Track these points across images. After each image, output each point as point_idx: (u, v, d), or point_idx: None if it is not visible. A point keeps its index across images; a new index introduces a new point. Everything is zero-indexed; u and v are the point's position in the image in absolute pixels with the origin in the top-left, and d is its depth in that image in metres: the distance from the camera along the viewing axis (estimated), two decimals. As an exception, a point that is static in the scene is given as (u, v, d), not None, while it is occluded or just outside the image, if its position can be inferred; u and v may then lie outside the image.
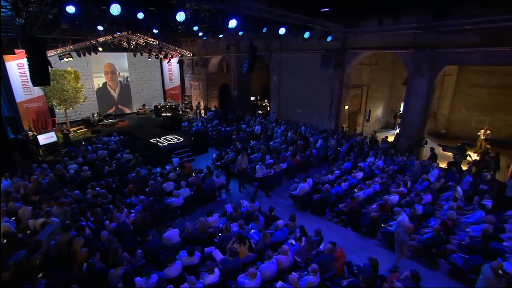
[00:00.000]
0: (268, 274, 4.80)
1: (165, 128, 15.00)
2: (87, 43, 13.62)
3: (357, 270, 5.05)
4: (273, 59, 14.86)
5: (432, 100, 10.36)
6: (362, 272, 4.91)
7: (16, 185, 7.17)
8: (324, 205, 7.82)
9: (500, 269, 4.63)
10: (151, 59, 18.28)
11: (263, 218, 6.24)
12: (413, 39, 9.88)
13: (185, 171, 9.01)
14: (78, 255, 4.43)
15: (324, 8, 7.40)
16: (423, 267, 6.18)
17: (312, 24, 8.64)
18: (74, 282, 3.83)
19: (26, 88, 13.94)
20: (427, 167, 9.00)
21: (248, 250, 5.37)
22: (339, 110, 12.66)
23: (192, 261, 4.98)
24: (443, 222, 6.45)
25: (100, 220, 5.77)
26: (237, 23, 6.65)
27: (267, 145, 11.63)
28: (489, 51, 8.50)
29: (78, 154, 10.50)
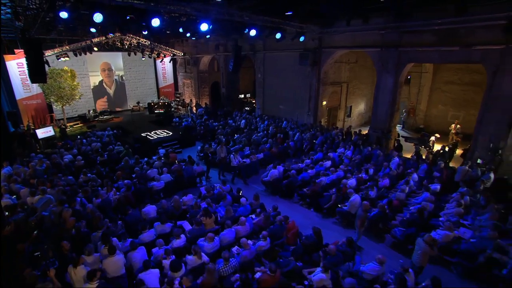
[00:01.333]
0: (227, 240, 5.72)
1: (157, 124, 15.93)
2: (82, 43, 14.52)
3: (304, 238, 5.95)
4: (257, 58, 15.73)
5: (399, 95, 11.19)
6: (307, 239, 5.83)
7: (16, 171, 8.10)
8: (291, 189, 8.72)
9: (432, 241, 5.47)
10: (144, 59, 19.16)
11: (230, 197, 7.16)
12: (380, 38, 10.74)
13: (169, 160, 9.91)
14: (67, 222, 5.35)
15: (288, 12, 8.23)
16: (370, 240, 7.09)
17: (283, 25, 9.49)
18: (64, 239, 4.77)
19: (26, 86, 14.86)
20: (389, 156, 9.89)
21: (213, 223, 6.29)
22: (317, 105, 13.53)
23: (164, 230, 5.89)
24: (389, 201, 7.36)
25: (88, 197, 6.70)
26: (209, 27, 7.52)
27: (248, 138, 12.52)
28: (443, 50, 9.37)
29: (74, 146, 11.43)
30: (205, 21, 7.36)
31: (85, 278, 3.93)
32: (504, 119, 8.70)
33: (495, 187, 8.24)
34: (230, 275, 4.80)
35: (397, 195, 7.51)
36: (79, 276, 4.13)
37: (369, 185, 7.98)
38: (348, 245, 5.52)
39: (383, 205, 6.91)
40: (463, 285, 5.76)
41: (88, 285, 3.88)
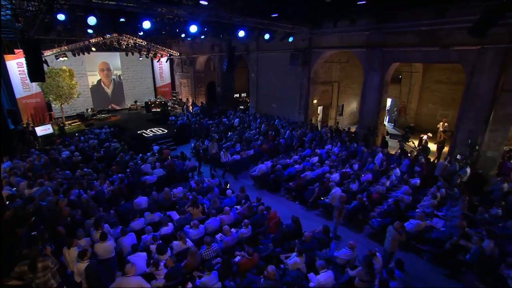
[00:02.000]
0: (212, 228, 6.14)
1: (153, 122, 16.35)
2: (80, 44, 14.93)
3: (284, 227, 6.36)
4: (251, 58, 16.14)
5: (385, 93, 11.59)
6: (286, 228, 6.24)
7: (15, 165, 8.52)
8: (278, 183, 9.14)
9: (401, 228, 5.89)
10: (142, 59, 19.58)
11: (218, 190, 7.58)
12: (366, 39, 11.15)
13: (163, 156, 10.33)
14: (63, 210, 5.77)
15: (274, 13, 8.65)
16: (350, 230, 7.51)
17: (272, 27, 9.90)
18: (60, 226, 5.18)
19: (25, 85, 15.28)
20: (374, 152, 10.30)
21: (200, 213, 6.71)
22: (308, 104, 13.93)
23: (153, 219, 6.31)
24: (368, 194, 7.78)
25: (84, 189, 7.12)
26: (198, 29, 7.93)
27: (241, 136, 12.93)
28: (424, 50, 9.79)
29: (72, 143, 11.84)
30: (194, 23, 7.77)
31: (77, 258, 4.35)
32: (481, 116, 9.11)
33: (472, 181, 8.66)
34: (212, 259, 5.21)
35: (377, 189, 7.93)
36: (73, 257, 4.55)
37: (352, 178, 8.39)
38: (324, 233, 5.94)
39: (362, 197, 7.34)
40: (431, 270, 6.18)
41: (79, 263, 4.31)
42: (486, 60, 8.70)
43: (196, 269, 4.98)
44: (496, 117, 8.95)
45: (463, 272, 5.96)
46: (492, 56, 8.58)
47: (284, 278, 4.81)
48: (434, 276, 6.06)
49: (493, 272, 5.46)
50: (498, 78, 8.63)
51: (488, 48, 8.55)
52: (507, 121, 8.89)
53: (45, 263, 3.82)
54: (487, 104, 8.94)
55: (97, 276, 4.34)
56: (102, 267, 4.65)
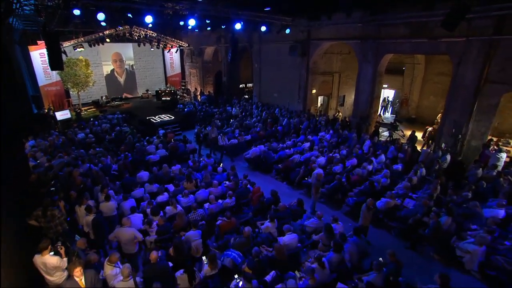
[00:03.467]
0: (201, 198, 7.06)
1: (162, 109, 17.41)
2: (95, 35, 16.05)
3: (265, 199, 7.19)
4: (254, 49, 16.78)
5: (378, 84, 12.02)
6: (266, 200, 7.07)
7: (38, 143, 9.75)
8: (268, 164, 9.96)
9: (372, 205, 6.59)
10: (153, 49, 20.60)
11: (211, 168, 8.50)
12: (360, 31, 11.56)
13: (167, 139, 11.33)
14: (76, 179, 6.85)
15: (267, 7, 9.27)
16: (329, 208, 8.25)
17: (269, 19, 10.52)
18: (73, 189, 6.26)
19: (47, 74, 16.64)
20: (362, 139, 10.87)
21: (194, 186, 7.64)
22: (306, 93, 14.52)
23: (152, 189, 7.31)
24: (347, 176, 8.46)
25: (95, 164, 8.21)
26: (197, 22, 8.71)
27: (241, 123, 13.76)
28: (414, 42, 10.15)
29: (87, 127, 13.07)
30: (193, 17, 8.56)
31: (85, 212, 5.38)
32: (466, 107, 9.48)
33: (451, 168, 9.14)
34: (198, 221, 6.13)
35: (357, 171, 8.59)
36: (82, 212, 5.58)
37: (335, 162, 9.08)
38: (298, 205, 6.74)
39: (340, 177, 8.04)
40: (396, 243, 6.86)
41: (87, 216, 5.33)
42: (472, 52, 9.02)
43: (183, 229, 5.91)
44: (480, 107, 9.31)
45: (423, 245, 6.62)
46: (477, 47, 8.88)
47: (256, 239, 5.67)
48: (397, 248, 6.68)
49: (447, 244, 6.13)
50: (482, 70, 8.95)
51: (473, 39, 8.87)
52: (490, 111, 9.23)
53: (53, 212, 4.87)
54: (472, 95, 9.29)
55: (100, 227, 5.36)
56: (106, 222, 5.67)
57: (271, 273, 4.67)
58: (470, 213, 6.78)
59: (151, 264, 4.27)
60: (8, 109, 5.38)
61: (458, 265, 5.98)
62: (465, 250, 5.79)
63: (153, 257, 4.25)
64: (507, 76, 8.61)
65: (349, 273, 5.06)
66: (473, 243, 5.71)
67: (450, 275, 4.66)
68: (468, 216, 6.75)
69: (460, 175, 8.92)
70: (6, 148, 4.77)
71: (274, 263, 4.97)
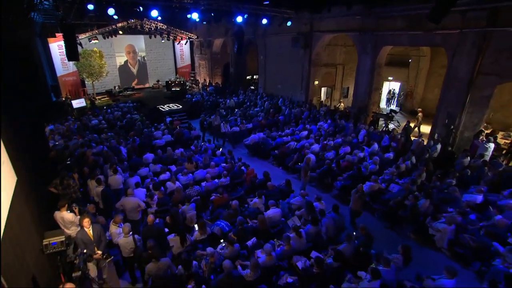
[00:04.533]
0: (199, 177, 7.77)
1: (171, 99, 18.22)
2: (108, 27, 16.90)
3: (257, 180, 7.83)
4: (260, 42, 17.21)
5: (377, 75, 12.29)
6: (258, 181, 7.71)
7: (57, 128, 10.73)
8: (266, 151, 10.57)
9: (360, 189, 7.08)
10: (164, 41, 21.35)
11: (211, 151, 9.21)
12: (360, 23, 11.82)
13: (173, 126, 12.10)
14: (88, 158, 7.71)
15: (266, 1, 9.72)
16: (319, 191, 8.80)
17: (268, 12, 10.96)
18: (86, 166, 7.12)
19: (64, 65, 17.71)
20: (358, 128, 11.28)
21: (194, 167, 8.36)
22: (308, 84, 14.92)
23: (156, 169, 8.09)
24: (337, 162, 8.96)
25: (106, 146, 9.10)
26: (200, 16, 9.29)
27: (245, 112, 14.37)
28: (410, 34, 10.38)
29: (100, 114, 14.03)
30: (196, 11, 9.16)
31: (95, 184, 6.20)
32: (460, 98, 9.71)
33: (441, 157, 9.47)
34: (193, 196, 6.86)
35: (347, 158, 9.08)
36: (94, 185, 6.41)
37: (328, 149, 9.58)
38: (286, 185, 7.35)
39: (329, 163, 8.57)
40: (377, 224, 7.38)
41: (97, 188, 6.15)
42: (466, 44, 9.21)
43: (181, 202, 6.65)
44: (472, 99, 9.53)
45: (402, 226, 7.11)
46: (471, 39, 9.07)
47: (244, 213, 6.34)
48: (378, 228, 7.23)
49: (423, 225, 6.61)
50: (476, 61, 9.15)
51: (467, 32, 9.05)
52: (483, 103, 9.44)
53: (68, 181, 5.71)
54: (465, 87, 9.51)
55: (108, 198, 6.17)
56: (113, 194, 6.48)
57: (252, 240, 5.35)
58: (449, 198, 7.20)
59: (148, 226, 5.02)
60: (32, 98, 6.22)
61: (431, 244, 6.46)
62: (436, 229, 6.26)
63: (149, 220, 5.00)
64: (500, 68, 8.79)
65: (324, 244, 5.66)
66: (443, 223, 6.17)
67: (423, 253, 5.20)
68: (447, 200, 7.17)
69: (450, 164, 9.27)
70: (31, 131, 5.61)
71: (257, 232, 5.64)
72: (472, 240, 5.86)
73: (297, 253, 5.24)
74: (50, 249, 3.75)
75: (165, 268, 4.19)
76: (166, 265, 4.20)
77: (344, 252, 5.12)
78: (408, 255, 5.15)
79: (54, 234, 3.97)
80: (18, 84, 5.70)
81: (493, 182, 7.84)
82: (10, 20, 6.53)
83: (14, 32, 6.95)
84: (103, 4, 9.47)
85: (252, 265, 4.49)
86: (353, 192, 7.03)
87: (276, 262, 4.99)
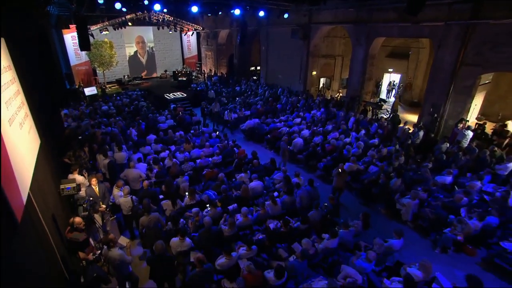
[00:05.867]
0: (195, 155, 8.67)
1: (177, 88, 19.14)
2: (118, 19, 17.84)
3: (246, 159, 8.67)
4: (262, 33, 17.80)
5: (370, 66, 12.80)
6: (247, 159, 8.55)
7: (70, 112, 11.82)
8: (261, 135, 11.37)
9: (341, 168, 7.82)
10: (171, 32, 22.16)
11: (208, 134, 10.11)
12: (354, 15, 12.30)
13: (176, 112, 13.02)
14: (98, 137, 8.72)
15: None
16: (304, 171, 9.56)
17: (267, 5, 11.58)
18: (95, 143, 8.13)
19: (77, 55, 18.81)
20: (348, 116, 11.90)
21: (191, 148, 9.26)
22: (307, 75, 15.51)
23: (156, 148, 9.04)
24: (322, 145, 9.68)
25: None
26: (199, 9, 10.03)
27: (245, 101, 15.14)
28: (400, 26, 10.83)
29: (110, 101, 15.08)
30: (195, 4, 9.90)
31: (102, 157, 7.18)
32: (444, 88, 10.19)
33: (423, 143, 10.04)
34: (188, 170, 7.76)
35: (332, 142, 9.78)
36: (101, 158, 7.40)
37: (317, 133, 10.30)
38: (271, 163, 8.16)
39: (314, 146, 9.32)
40: (354, 201, 8.12)
41: (104, 160, 7.13)
42: (450, 35, 9.66)
43: (176, 176, 7.57)
44: (456, 88, 10.01)
45: (375, 202, 7.83)
46: (456, 31, 9.51)
47: (231, 185, 7.21)
48: (354, 205, 7.98)
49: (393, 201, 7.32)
50: (459, 53, 9.60)
51: (451, 24, 9.48)
52: (466, 92, 9.91)
53: (80, 153, 6.72)
54: (449, 77, 9.99)
55: (114, 169, 7.16)
56: (119, 167, 7.46)
57: (233, 205, 6.22)
58: (421, 178, 7.86)
59: (144, 189, 5.96)
60: (51, 86, 7.20)
61: (399, 218, 7.18)
62: (402, 204, 6.97)
63: (145, 184, 5.94)
64: (482, 58, 9.24)
65: (296, 212, 6.48)
66: (409, 198, 6.87)
67: (391, 225, 5.93)
68: (419, 181, 7.83)
69: (430, 150, 9.84)
70: (51, 114, 6.59)
71: (239, 199, 6.50)
72: (431, 213, 6.56)
73: (272, 218, 6.08)
74: (65, 193, 4.73)
75: (155, 220, 5.11)
76: (155, 218, 5.11)
77: (311, 217, 5.92)
78: (367, 221, 5.92)
79: (68, 181, 5.02)
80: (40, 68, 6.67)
81: (468, 166, 8.44)
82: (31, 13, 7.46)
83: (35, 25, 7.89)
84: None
85: (229, 222, 5.36)
86: (334, 172, 7.79)
87: (252, 223, 5.85)
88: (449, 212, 6.49)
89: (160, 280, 4.48)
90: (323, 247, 5.21)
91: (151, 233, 5.07)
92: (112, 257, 3.91)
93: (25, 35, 5.90)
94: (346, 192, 8.42)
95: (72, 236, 4.40)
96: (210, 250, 5.11)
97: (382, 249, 5.11)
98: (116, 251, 3.92)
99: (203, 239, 5.14)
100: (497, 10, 8.53)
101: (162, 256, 4.24)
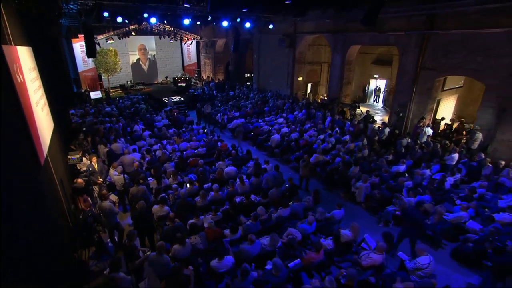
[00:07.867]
0: (183, 148, 9.94)
1: (175, 93, 20.61)
2: (122, 29, 19.50)
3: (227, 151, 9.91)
4: (255, 41, 19.25)
5: (347, 71, 14.05)
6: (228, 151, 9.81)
7: (77, 111, 13.28)
8: (246, 133, 12.63)
9: (306, 159, 9.03)
10: (172, 41, 23.81)
11: (196, 131, 11.42)
12: (332, 25, 13.62)
13: (171, 113, 14.40)
14: (100, 131, 10.09)
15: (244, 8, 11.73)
16: (281, 164, 10.72)
17: (252, 17, 12.99)
18: (97, 136, 9.49)
19: (85, 62, 20.49)
20: (325, 116, 13.12)
21: (181, 141, 10.56)
22: (293, 80, 16.82)
23: (150, 142, 10.34)
24: (296, 140, 10.88)
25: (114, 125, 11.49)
26: (191, 21, 11.46)
27: (236, 104, 16.49)
28: (370, 35, 12.11)
29: (113, 103, 16.58)
30: (187, 17, 11.34)
31: (103, 148, 8.52)
32: (409, 90, 11.37)
33: (389, 139, 11.18)
34: (175, 159, 9.03)
35: (305, 137, 10.99)
36: (102, 148, 8.73)
37: (291, 130, 11.54)
38: (246, 153, 9.40)
39: (289, 141, 10.54)
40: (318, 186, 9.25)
41: (104, 149, 8.46)
42: (411, 44, 10.90)
43: (164, 162, 8.83)
44: (418, 91, 11.19)
45: (337, 187, 8.97)
46: (414, 40, 10.75)
47: (210, 170, 8.45)
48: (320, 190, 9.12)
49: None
50: (418, 59, 10.81)
51: (411, 33, 10.73)
52: (427, 94, 11.07)
53: (83, 142, 8.06)
54: (412, 80, 11.18)
55: (111, 155, 8.47)
56: (116, 156, 8.78)
57: (208, 184, 7.45)
58: (378, 167, 8.99)
59: (135, 169, 7.24)
60: (62, 86, 8.63)
61: (354, 200, 8.29)
62: (356, 187, 8.11)
63: (135, 165, 7.21)
64: (437, 64, 10.44)
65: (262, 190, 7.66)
66: (361, 182, 8.01)
67: (347, 206, 7.12)
68: (376, 169, 8.97)
69: (394, 145, 10.98)
70: (61, 113, 7.98)
71: (214, 181, 7.73)
72: (378, 194, 7.69)
73: (240, 195, 7.28)
74: (71, 162, 6.06)
75: (143, 191, 6.36)
76: (143, 189, 6.37)
77: (271, 194, 7.10)
78: (317, 197, 7.09)
79: (73, 153, 6.43)
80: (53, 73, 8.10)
81: (423, 158, 9.57)
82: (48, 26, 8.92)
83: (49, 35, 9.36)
84: (114, 13, 11.88)
85: (201, 194, 6.59)
86: (301, 162, 8.99)
87: (224, 198, 7.06)
88: (393, 192, 7.60)
89: (141, 234, 5.71)
90: (277, 215, 6.38)
91: (138, 201, 6.30)
92: (104, 206, 5.16)
93: (42, 44, 7.33)
94: (313, 180, 9.59)
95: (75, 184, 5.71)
96: (184, 216, 6.33)
97: (323, 216, 6.26)
98: (107, 203, 5.18)
99: (179, 207, 6.36)
100: (446, 22, 9.78)
101: (143, 214, 5.48)
